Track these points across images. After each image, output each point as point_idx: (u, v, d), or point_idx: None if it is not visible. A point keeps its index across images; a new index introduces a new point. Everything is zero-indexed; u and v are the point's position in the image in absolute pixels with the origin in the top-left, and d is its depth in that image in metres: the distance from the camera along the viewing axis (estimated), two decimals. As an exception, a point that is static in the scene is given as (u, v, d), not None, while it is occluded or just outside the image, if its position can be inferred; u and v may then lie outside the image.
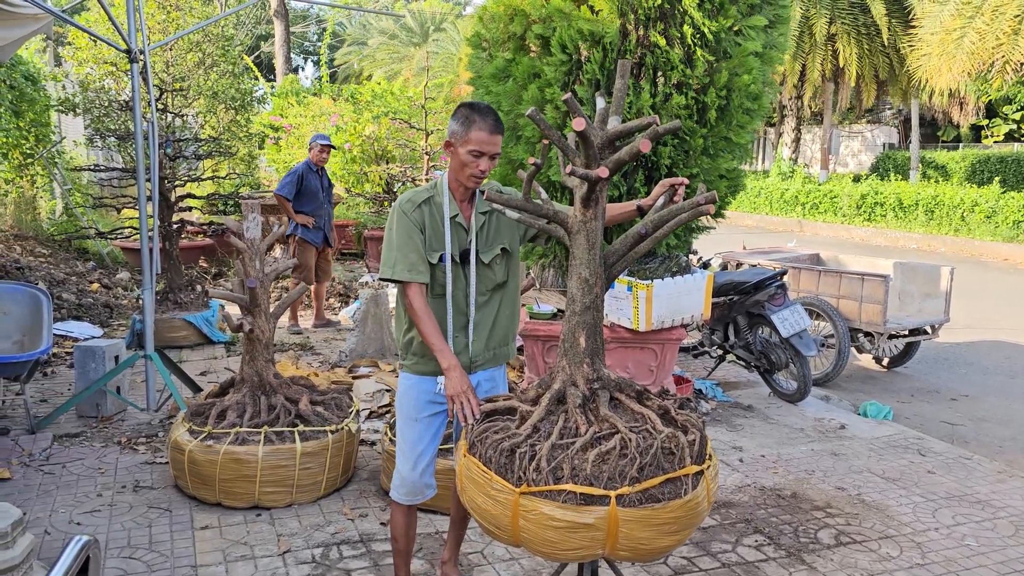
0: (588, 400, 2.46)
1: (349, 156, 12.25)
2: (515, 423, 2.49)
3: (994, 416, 6.06)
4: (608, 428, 2.37)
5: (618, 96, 2.52)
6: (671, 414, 2.48)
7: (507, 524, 2.31)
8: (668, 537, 2.27)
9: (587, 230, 2.48)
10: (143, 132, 5.32)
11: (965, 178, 24.28)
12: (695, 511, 2.29)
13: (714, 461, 2.44)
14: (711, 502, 2.37)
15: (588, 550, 2.26)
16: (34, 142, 10.30)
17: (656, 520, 2.23)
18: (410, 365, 2.92)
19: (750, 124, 5.10)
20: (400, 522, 3.02)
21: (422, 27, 35.66)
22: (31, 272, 8.46)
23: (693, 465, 2.29)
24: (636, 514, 2.21)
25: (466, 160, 2.73)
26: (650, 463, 2.26)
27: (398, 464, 2.97)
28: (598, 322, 2.51)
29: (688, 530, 2.32)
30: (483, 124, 2.69)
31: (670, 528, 2.26)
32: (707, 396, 5.92)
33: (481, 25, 5.40)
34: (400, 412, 2.97)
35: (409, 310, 2.77)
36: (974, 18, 15.27)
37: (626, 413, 2.46)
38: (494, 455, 2.36)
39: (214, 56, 10.47)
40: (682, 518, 2.26)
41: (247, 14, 24.78)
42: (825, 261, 7.79)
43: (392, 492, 3.00)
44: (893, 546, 3.71)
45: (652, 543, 2.26)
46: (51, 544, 3.56)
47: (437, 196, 2.82)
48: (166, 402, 5.39)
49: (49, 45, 13.51)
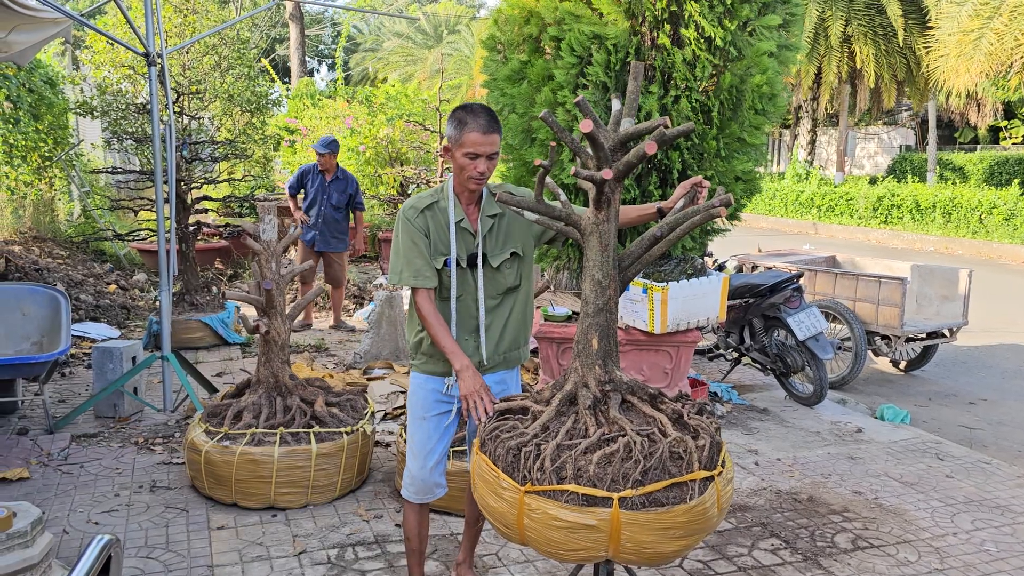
0: (599, 402, 2.45)
1: (363, 158, 12.29)
2: (526, 423, 2.50)
3: (1013, 420, 6.00)
4: (617, 431, 2.36)
5: (631, 98, 2.52)
6: (684, 418, 2.46)
7: (513, 523, 2.33)
8: (674, 542, 2.25)
9: (599, 232, 2.47)
10: (160, 135, 5.36)
11: (983, 180, 24.08)
12: (703, 517, 2.26)
13: (728, 467, 2.40)
14: (723, 509, 2.34)
15: (591, 551, 2.25)
16: (52, 145, 10.39)
17: (660, 524, 2.21)
18: (419, 365, 2.95)
19: (764, 125, 5.07)
20: (412, 521, 3.04)
21: (436, 30, 35.76)
22: (49, 274, 8.54)
23: (701, 471, 2.27)
24: (639, 517, 2.20)
25: (463, 163, 2.73)
26: (655, 467, 2.25)
27: (408, 463, 2.99)
28: (611, 324, 2.51)
29: (696, 536, 2.29)
30: (476, 125, 2.68)
31: (675, 533, 2.24)
32: (722, 399, 5.89)
33: (496, 27, 5.41)
34: (410, 411, 3.00)
35: (419, 314, 2.81)
36: (992, 19, 15.14)
37: (637, 416, 2.46)
38: (502, 453, 2.38)
39: (230, 59, 10.53)
40: (689, 523, 2.24)
41: (262, 17, 24.92)
42: (841, 264, 7.74)
43: (403, 491, 3.03)
44: (911, 551, 3.68)
45: (656, 547, 2.24)
46: (69, 543, 3.59)
47: (442, 201, 2.83)
48: (183, 403, 5.43)
49: (67, 49, 13.63)
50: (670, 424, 2.39)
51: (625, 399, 2.49)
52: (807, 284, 6.93)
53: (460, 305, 2.86)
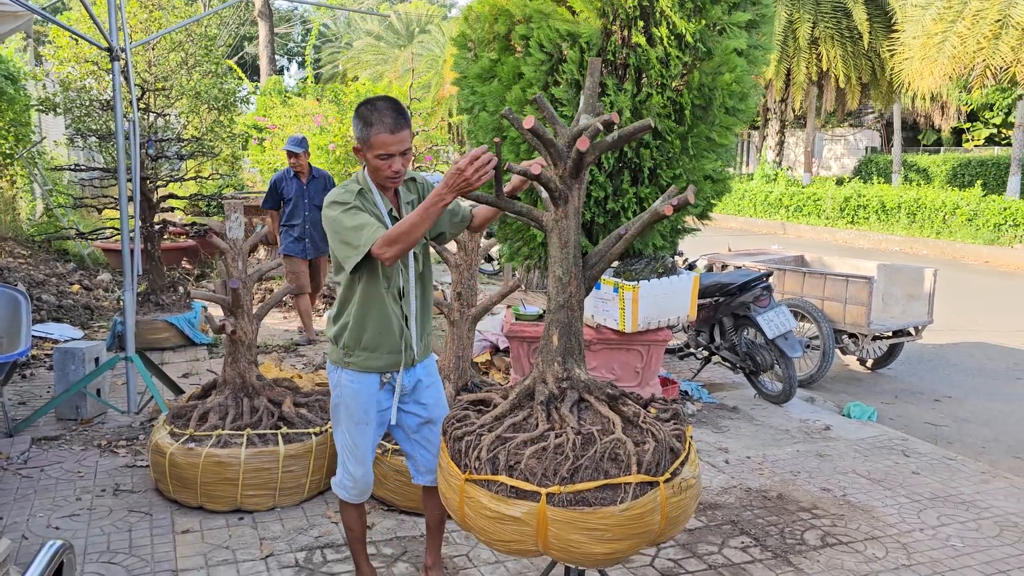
0: (554, 398, 2.46)
1: (334, 156, 12.19)
2: (483, 415, 2.56)
3: (977, 417, 6.09)
4: (564, 428, 2.37)
5: (588, 95, 2.54)
6: (639, 421, 2.45)
7: (456, 508, 2.41)
8: (604, 544, 2.21)
9: (559, 229, 2.48)
10: (124, 132, 5.26)
11: (946, 181, 24.52)
12: (640, 522, 2.22)
13: (686, 475, 2.36)
14: (671, 516, 2.29)
15: (520, 544, 2.27)
16: (14, 142, 10.17)
17: (587, 524, 2.19)
18: (358, 362, 2.82)
19: (735, 125, 5.09)
20: (354, 514, 3.05)
21: (407, 29, 35.65)
22: (10, 273, 8.35)
23: (641, 475, 2.23)
24: (565, 515, 2.19)
25: (377, 164, 2.68)
26: (587, 466, 2.23)
27: (349, 468, 2.93)
28: (573, 321, 2.50)
29: (631, 541, 2.24)
30: (382, 126, 2.62)
31: (605, 535, 2.20)
32: (693, 398, 5.92)
33: (466, 25, 5.38)
34: (346, 415, 2.88)
35: (393, 244, 2.52)
36: (955, 22, 15.42)
37: (591, 415, 2.45)
38: (451, 442, 2.45)
39: (197, 56, 10.39)
40: (620, 527, 2.20)
41: (230, 14, 24.64)
42: (809, 263, 7.82)
43: (342, 494, 2.99)
44: (879, 547, 3.72)
45: (584, 547, 2.22)
46: (29, 549, 3.49)
47: (366, 191, 2.76)
48: (147, 404, 5.33)
49: (29, 44, 13.36)
50: (619, 426, 2.37)
51: (582, 398, 2.50)
52: (776, 283, 6.99)
53: (391, 297, 2.81)
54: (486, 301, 4.42)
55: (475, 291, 4.40)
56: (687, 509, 2.36)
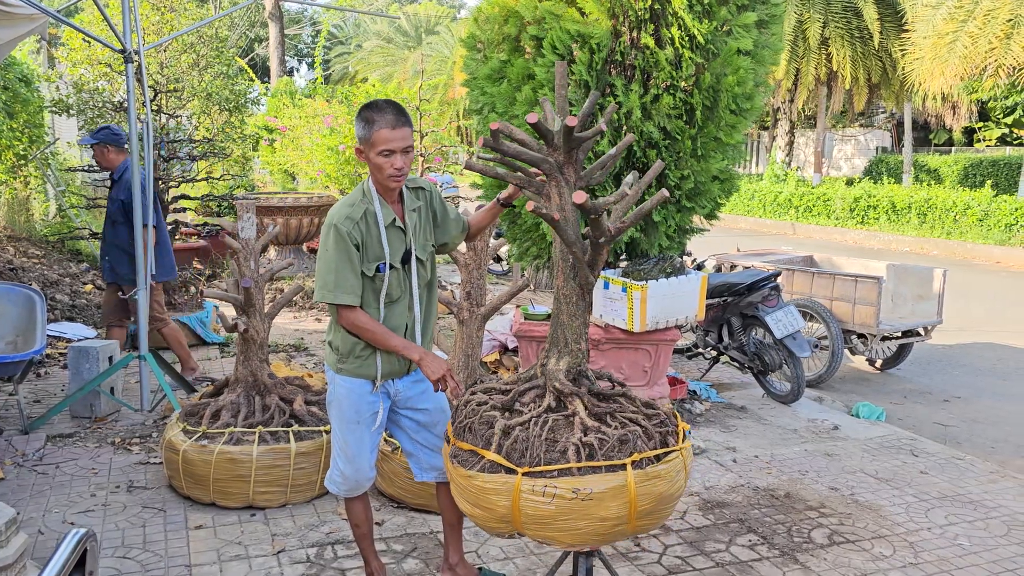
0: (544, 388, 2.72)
1: (343, 157, 12.25)
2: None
3: (986, 417, 6.09)
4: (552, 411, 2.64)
5: (559, 99, 2.69)
6: (612, 418, 2.61)
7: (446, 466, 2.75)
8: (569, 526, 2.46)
9: (569, 219, 2.66)
10: (137, 133, 5.32)
11: (957, 181, 24.39)
12: (599, 506, 2.42)
13: (661, 473, 2.49)
14: (635, 505, 2.45)
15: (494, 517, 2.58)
16: (27, 143, 10.25)
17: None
18: (352, 369, 2.91)
19: (740, 124, 5.10)
20: (359, 508, 3.08)
21: (416, 30, 35.73)
22: (24, 273, 8.43)
23: (600, 461, 2.46)
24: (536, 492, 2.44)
25: (379, 163, 2.73)
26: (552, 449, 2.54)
27: (341, 467, 2.98)
28: (559, 314, 2.73)
29: (591, 522, 2.43)
30: (383, 122, 2.69)
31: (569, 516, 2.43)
32: (701, 397, 5.93)
33: (476, 26, 5.41)
34: (341, 416, 2.96)
35: (356, 328, 2.79)
36: (967, 22, 15.36)
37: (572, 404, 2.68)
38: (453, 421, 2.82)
39: (208, 57, 10.44)
40: (580, 509, 2.43)
41: (241, 16, 24.75)
42: (818, 263, 7.81)
43: (331, 488, 3.04)
44: (886, 546, 3.73)
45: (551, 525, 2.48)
46: (45, 544, 3.55)
47: (370, 205, 2.81)
48: (160, 402, 5.38)
49: (43, 46, 13.46)
50: (588, 418, 2.56)
51: (568, 391, 2.68)
52: (785, 283, 6.99)
53: (398, 307, 2.87)
54: (495, 301, 4.45)
55: (484, 291, 4.44)
56: (662, 502, 2.51)
